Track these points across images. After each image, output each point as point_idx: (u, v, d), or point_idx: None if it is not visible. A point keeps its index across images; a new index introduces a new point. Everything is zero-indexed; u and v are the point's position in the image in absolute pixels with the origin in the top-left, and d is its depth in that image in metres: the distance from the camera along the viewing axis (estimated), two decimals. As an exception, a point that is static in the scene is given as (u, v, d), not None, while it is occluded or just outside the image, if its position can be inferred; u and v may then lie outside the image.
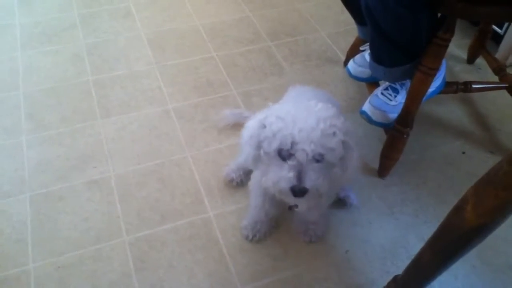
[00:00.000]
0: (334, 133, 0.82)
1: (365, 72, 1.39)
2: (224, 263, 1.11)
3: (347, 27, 1.82)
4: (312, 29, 1.84)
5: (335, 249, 1.15)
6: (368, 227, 1.20)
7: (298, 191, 0.83)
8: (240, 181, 1.25)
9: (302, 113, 0.83)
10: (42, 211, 1.20)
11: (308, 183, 0.82)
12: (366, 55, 1.38)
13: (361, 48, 1.44)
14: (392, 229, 1.20)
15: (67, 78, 1.59)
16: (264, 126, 0.86)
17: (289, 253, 1.14)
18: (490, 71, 1.50)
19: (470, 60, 1.67)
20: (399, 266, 1.12)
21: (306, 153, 0.81)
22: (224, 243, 1.15)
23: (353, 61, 1.43)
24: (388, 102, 1.26)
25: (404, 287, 0.94)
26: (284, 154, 0.84)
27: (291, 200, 0.91)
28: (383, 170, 1.29)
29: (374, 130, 1.38)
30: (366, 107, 1.29)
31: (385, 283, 1.03)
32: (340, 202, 1.22)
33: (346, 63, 1.56)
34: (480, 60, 1.65)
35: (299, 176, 0.82)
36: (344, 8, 1.42)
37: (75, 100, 1.51)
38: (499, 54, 1.64)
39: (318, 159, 0.83)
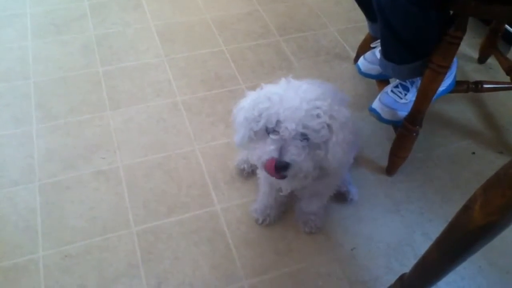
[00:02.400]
0: (318, 115, 0.85)
1: (375, 69, 1.38)
2: (229, 256, 1.12)
3: (357, 24, 1.81)
4: (322, 25, 1.83)
5: (340, 245, 1.15)
6: (373, 224, 1.20)
7: (279, 165, 0.84)
8: (250, 172, 1.27)
9: (289, 94, 0.87)
10: (50, 200, 1.21)
11: (288, 157, 0.84)
12: (377, 52, 1.38)
13: (371, 45, 1.43)
14: (397, 227, 1.20)
15: (76, 68, 1.59)
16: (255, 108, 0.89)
17: (294, 248, 1.14)
18: (501, 71, 1.48)
19: (481, 59, 1.66)
20: (403, 264, 1.12)
21: (288, 130, 0.84)
22: (230, 236, 1.15)
23: (364, 58, 1.43)
24: (398, 100, 1.25)
25: (410, 286, 0.94)
26: (269, 132, 0.87)
27: (274, 180, 0.93)
28: (391, 168, 1.29)
29: (383, 128, 1.37)
30: (376, 104, 1.28)
31: (389, 280, 1.03)
32: (341, 197, 1.22)
33: (356, 60, 1.56)
34: (491, 60, 1.64)
35: (281, 150, 0.84)
36: (354, 5, 1.41)
37: (84, 90, 1.51)
38: (511, 54, 1.63)
39: (301, 138, 0.85)
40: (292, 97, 0.86)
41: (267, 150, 0.86)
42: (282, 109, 0.84)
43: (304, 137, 0.85)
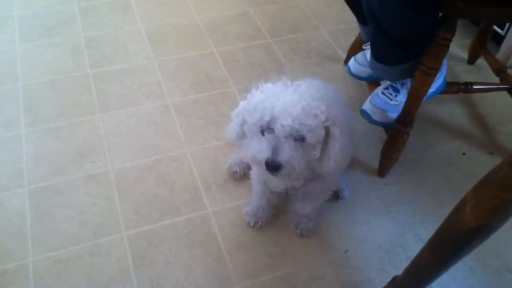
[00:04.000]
0: (315, 114, 0.83)
1: (366, 71, 1.38)
2: (222, 260, 1.11)
3: (348, 25, 1.82)
4: (313, 26, 1.83)
5: (333, 248, 1.15)
6: (366, 226, 1.20)
7: (272, 164, 0.83)
8: (242, 174, 1.26)
9: (286, 91, 0.86)
10: (40, 205, 1.20)
11: (282, 157, 0.82)
12: (368, 54, 1.38)
13: (363, 47, 1.43)
14: (389, 229, 1.20)
15: (66, 71, 1.57)
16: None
17: (286, 251, 1.14)
18: (490, 72, 1.50)
19: (471, 60, 1.67)
20: (396, 265, 1.12)
21: (284, 128, 0.82)
22: (222, 240, 1.15)
23: (354, 59, 1.43)
24: (388, 101, 1.25)
25: (402, 288, 0.95)
26: (264, 129, 0.85)
27: (269, 178, 0.92)
28: (382, 170, 1.29)
29: (374, 129, 1.38)
30: (367, 106, 1.28)
31: (382, 282, 1.03)
32: (332, 195, 1.21)
33: (347, 61, 1.56)
34: (481, 61, 1.65)
35: (275, 149, 0.83)
36: (345, 6, 1.41)
37: (74, 93, 1.50)
38: (500, 55, 1.64)
39: (297, 137, 0.84)
40: (289, 93, 0.85)
41: (261, 149, 0.84)
42: (278, 103, 0.83)
43: (299, 137, 0.84)
